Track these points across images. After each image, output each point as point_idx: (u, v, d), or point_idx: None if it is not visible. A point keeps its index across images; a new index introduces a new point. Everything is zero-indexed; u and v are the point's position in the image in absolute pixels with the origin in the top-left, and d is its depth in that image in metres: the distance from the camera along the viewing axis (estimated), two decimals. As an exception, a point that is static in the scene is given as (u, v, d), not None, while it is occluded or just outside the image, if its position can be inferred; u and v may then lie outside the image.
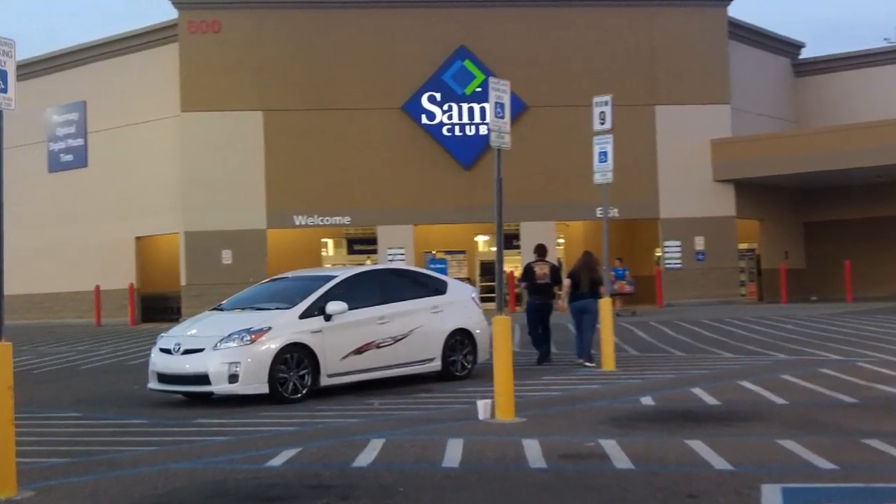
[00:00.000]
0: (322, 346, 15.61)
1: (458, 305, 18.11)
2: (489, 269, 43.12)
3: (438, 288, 18.24)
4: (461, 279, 44.15)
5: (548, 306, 20.40)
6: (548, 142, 40.94)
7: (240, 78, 41.14)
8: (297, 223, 41.36)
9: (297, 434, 12.18)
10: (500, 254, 13.37)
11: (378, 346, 16.47)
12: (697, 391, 14.91)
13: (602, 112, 18.34)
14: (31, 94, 46.44)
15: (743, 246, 45.32)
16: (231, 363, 14.83)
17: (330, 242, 45.27)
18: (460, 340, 17.80)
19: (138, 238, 43.78)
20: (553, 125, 40.95)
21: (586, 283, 19.68)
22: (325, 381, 15.70)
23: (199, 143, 41.06)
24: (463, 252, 44.68)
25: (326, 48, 41.45)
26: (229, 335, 15.11)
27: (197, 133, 41.08)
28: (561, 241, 44.41)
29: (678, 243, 42.77)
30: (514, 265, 38.92)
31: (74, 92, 45.59)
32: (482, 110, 41.40)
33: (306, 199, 41.13)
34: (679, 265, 42.76)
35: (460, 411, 13.56)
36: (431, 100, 41.46)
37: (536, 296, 20.42)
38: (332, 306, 15.81)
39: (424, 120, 41.44)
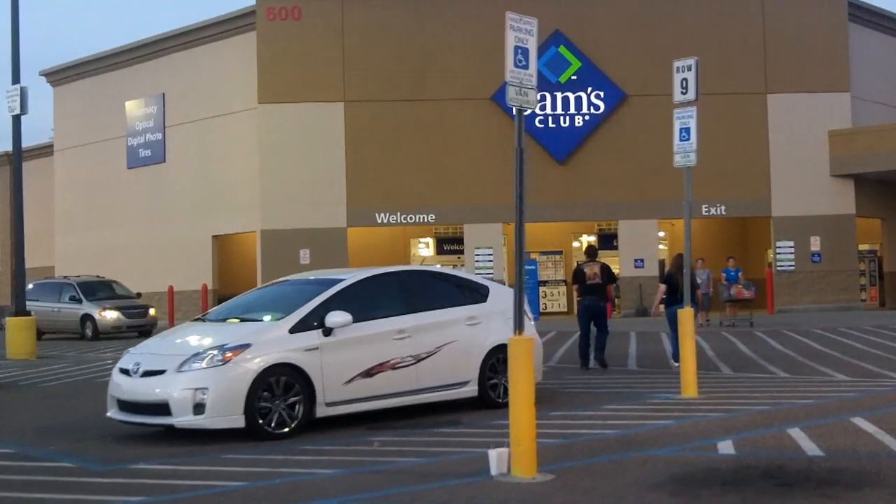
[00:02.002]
0: (318, 368, 12.40)
1: (502, 316, 14.30)
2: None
3: (478, 294, 14.82)
4: (558, 281, 41.65)
5: (599, 306, 20.20)
6: (650, 133, 38.26)
7: (321, 67, 39.64)
8: (379, 221, 39.70)
9: (235, 495, 9.03)
10: (520, 252, 10.08)
11: (394, 367, 13.17)
12: (795, 433, 11.35)
13: (684, 79, 14.91)
14: (110, 88, 45.08)
15: (863, 247, 42.85)
16: (197, 389, 11.71)
17: (431, 242, 43.52)
18: (503, 359, 14.33)
19: (215, 237, 42.23)
20: (655, 116, 37.57)
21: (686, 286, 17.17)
22: (322, 410, 12.50)
23: (277, 137, 39.65)
24: (559, 252, 42.02)
25: (412, 35, 39.70)
26: (197, 354, 12.07)
27: (275, 126, 39.66)
28: (664, 241, 41.33)
29: (792, 244, 39.98)
30: (613, 268, 35.89)
31: (152, 84, 44.48)
32: (577, 100, 39.09)
33: (389, 196, 39.37)
34: (793, 267, 40.04)
35: (474, 460, 10.27)
36: (523, 89, 38.46)
37: (587, 296, 20.35)
38: (333, 317, 12.61)
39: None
